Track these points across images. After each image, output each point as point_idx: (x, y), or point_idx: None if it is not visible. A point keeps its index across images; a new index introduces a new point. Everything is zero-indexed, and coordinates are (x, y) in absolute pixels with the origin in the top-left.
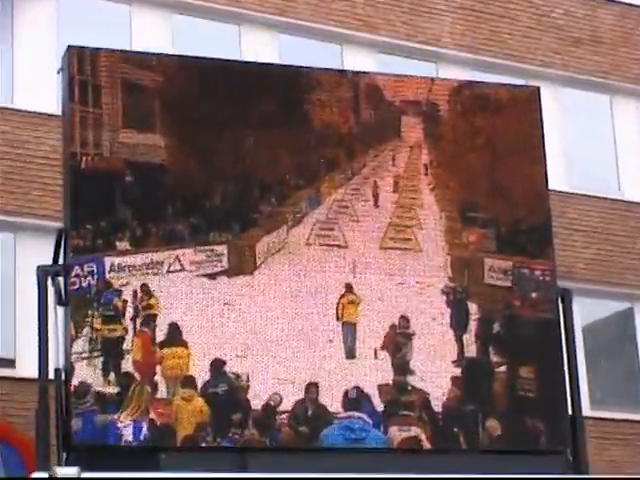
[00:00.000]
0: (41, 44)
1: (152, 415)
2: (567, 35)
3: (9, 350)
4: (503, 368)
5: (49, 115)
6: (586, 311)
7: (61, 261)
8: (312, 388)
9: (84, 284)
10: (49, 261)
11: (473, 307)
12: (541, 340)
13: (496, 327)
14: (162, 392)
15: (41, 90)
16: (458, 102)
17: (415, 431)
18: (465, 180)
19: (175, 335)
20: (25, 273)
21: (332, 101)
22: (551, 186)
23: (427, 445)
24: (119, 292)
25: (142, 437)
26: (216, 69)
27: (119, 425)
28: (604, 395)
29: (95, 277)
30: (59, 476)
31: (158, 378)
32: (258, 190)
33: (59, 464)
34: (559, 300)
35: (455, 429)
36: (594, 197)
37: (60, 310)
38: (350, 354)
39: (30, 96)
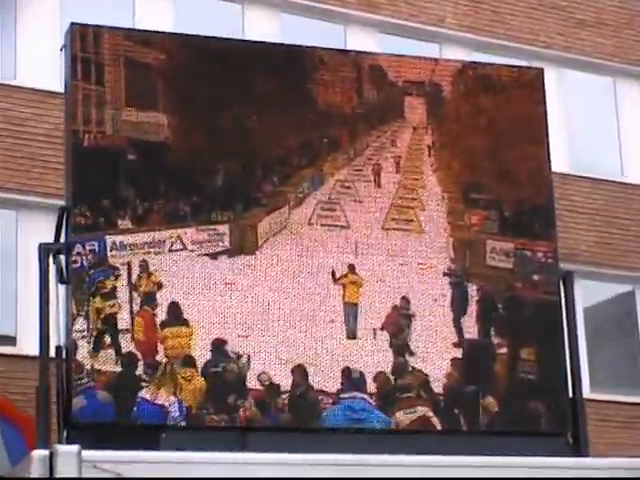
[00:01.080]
0: (44, 21)
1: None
2: (571, 17)
3: (10, 327)
4: (504, 350)
5: (51, 92)
6: (588, 293)
7: (63, 239)
8: (313, 368)
9: (85, 262)
10: (50, 239)
11: (474, 289)
12: (542, 322)
13: (497, 309)
14: (163, 370)
15: (43, 67)
16: (461, 83)
17: (421, 410)
18: (468, 161)
19: (176, 314)
20: (26, 251)
21: (335, 81)
22: (554, 168)
23: (436, 422)
24: (116, 270)
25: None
26: (219, 48)
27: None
28: (605, 377)
29: (97, 255)
30: (59, 454)
31: (160, 357)
32: (261, 170)
33: (60, 442)
34: (561, 282)
35: (456, 410)
36: (597, 180)
37: (61, 288)
38: (352, 335)
39: (32, 73)
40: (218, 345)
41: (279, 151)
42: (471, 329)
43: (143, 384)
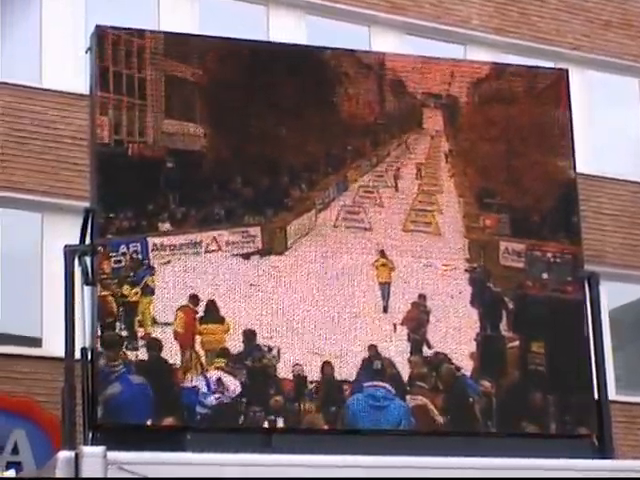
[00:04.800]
0: (69, 23)
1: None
2: (597, 18)
3: (36, 329)
4: (516, 343)
5: (77, 95)
6: (614, 295)
7: (88, 241)
8: (338, 360)
9: (129, 262)
10: (75, 241)
11: (489, 286)
12: (552, 318)
13: (510, 306)
14: (200, 362)
15: (69, 70)
16: (477, 94)
17: (422, 400)
18: (482, 167)
19: (212, 312)
20: (52, 253)
21: (358, 94)
22: (579, 170)
23: (435, 413)
24: (157, 269)
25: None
26: (250, 63)
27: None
28: (630, 379)
29: (139, 255)
30: (85, 455)
31: (197, 349)
32: (289, 176)
33: (85, 443)
34: (586, 284)
35: (470, 399)
36: (623, 181)
37: (87, 290)
38: (385, 310)
39: (58, 76)
40: (250, 338)
41: (306, 159)
42: (486, 325)
43: (175, 370)
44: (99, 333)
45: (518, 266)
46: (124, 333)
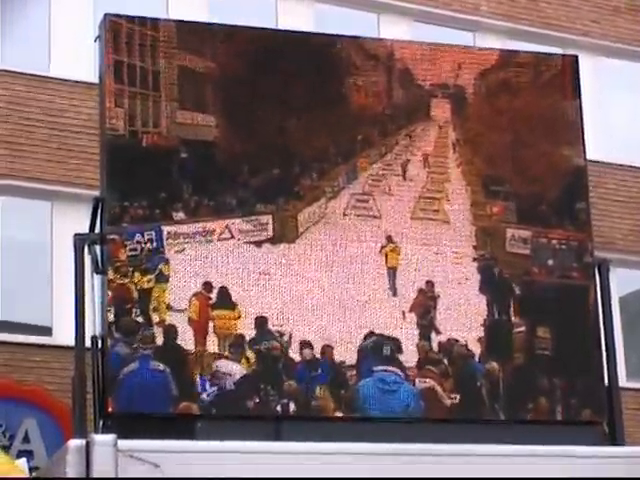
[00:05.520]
0: (77, 11)
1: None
2: (606, 4)
3: (46, 318)
4: (522, 328)
5: (86, 83)
6: (623, 282)
7: (97, 229)
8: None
9: (144, 250)
10: (85, 229)
11: (496, 273)
12: (557, 303)
13: (516, 291)
14: (214, 348)
15: (78, 58)
16: (485, 83)
17: (430, 383)
18: (489, 156)
19: (225, 298)
20: (62, 241)
21: (367, 85)
22: (589, 156)
23: (444, 396)
24: (171, 256)
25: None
26: (261, 57)
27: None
28: None
29: (154, 243)
30: (95, 443)
31: (211, 335)
32: (300, 166)
33: (95, 432)
34: (596, 270)
35: (478, 383)
36: (633, 167)
37: (97, 278)
38: (394, 294)
39: (67, 64)
40: (262, 324)
41: (316, 149)
42: (493, 310)
43: (189, 355)
44: (113, 319)
45: (524, 253)
46: (140, 319)
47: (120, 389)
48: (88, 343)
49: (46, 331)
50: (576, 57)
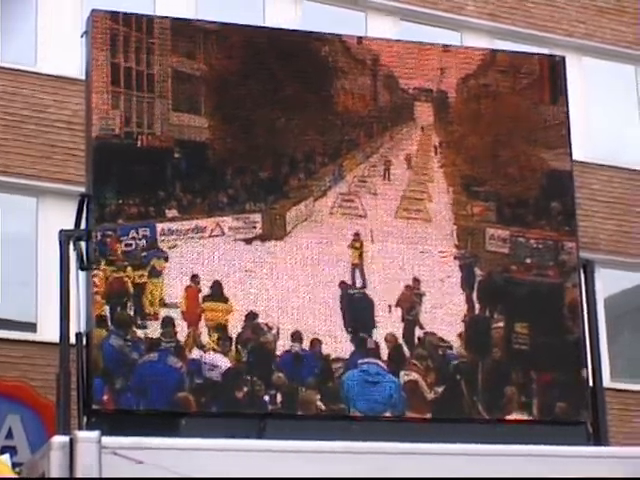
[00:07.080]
0: (64, 7)
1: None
2: (591, 4)
3: (30, 314)
4: (501, 324)
5: (71, 79)
6: (608, 282)
7: (83, 226)
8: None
9: (138, 246)
10: (70, 225)
11: (477, 271)
12: (535, 300)
13: (495, 288)
14: (204, 340)
15: (64, 53)
16: (467, 85)
17: (414, 376)
18: (471, 158)
19: (217, 291)
20: (47, 237)
21: (353, 88)
22: (574, 157)
23: (425, 390)
24: (165, 252)
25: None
26: (252, 62)
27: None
28: (625, 366)
29: (149, 240)
30: (79, 440)
31: (202, 326)
32: (288, 166)
33: (80, 428)
34: (581, 271)
35: (458, 377)
36: (617, 168)
37: (81, 275)
38: (364, 286)
39: (53, 59)
40: (251, 318)
41: (304, 150)
42: (473, 306)
43: (182, 347)
44: (108, 312)
45: (503, 251)
46: (134, 313)
47: (133, 377)
48: (73, 339)
49: (31, 327)
50: (563, 58)
